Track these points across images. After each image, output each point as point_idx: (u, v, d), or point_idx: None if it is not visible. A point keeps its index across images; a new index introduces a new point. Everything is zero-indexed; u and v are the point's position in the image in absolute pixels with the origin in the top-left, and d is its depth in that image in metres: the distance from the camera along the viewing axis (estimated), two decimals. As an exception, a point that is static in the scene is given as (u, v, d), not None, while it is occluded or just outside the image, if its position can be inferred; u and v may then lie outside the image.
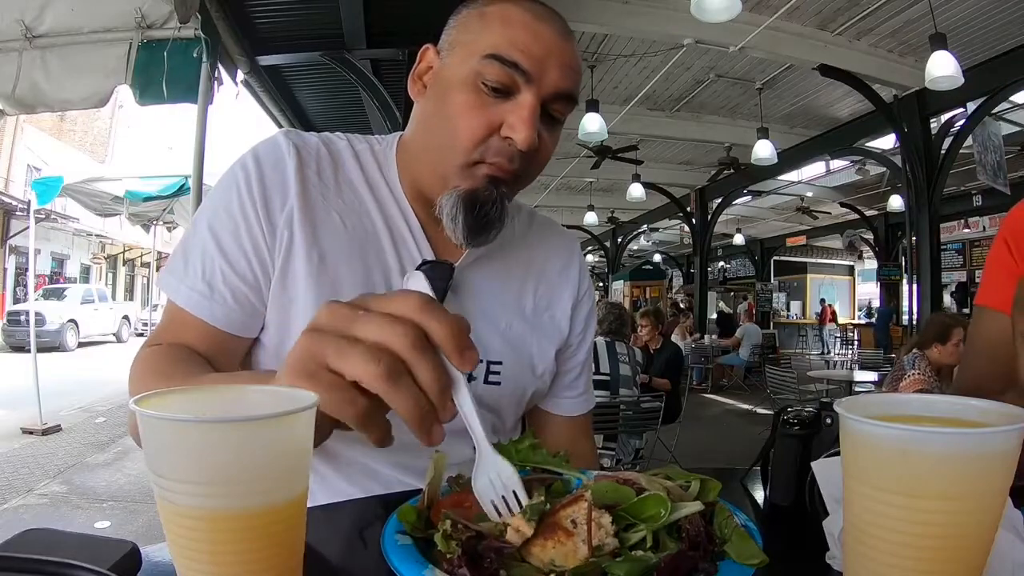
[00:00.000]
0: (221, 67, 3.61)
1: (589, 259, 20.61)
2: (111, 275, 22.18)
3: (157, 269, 12.35)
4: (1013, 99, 7.01)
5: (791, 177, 11.83)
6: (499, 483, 0.45)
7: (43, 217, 13.23)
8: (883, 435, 0.34)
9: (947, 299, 12.01)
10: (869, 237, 14.84)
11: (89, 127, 20.26)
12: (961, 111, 6.79)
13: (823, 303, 18.36)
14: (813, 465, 0.55)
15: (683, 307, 13.65)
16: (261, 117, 6.65)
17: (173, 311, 0.74)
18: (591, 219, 12.86)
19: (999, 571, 0.40)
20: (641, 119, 8.22)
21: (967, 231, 13.82)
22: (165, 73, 3.12)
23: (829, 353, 14.23)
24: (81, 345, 13.63)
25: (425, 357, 0.42)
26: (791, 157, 9.11)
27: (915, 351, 3.14)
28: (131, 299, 22.08)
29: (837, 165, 11.53)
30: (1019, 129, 8.04)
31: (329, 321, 0.44)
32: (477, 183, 0.71)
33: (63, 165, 14.10)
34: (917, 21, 5.60)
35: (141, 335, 15.76)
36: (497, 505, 0.45)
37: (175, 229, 8.04)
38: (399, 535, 0.45)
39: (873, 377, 5.75)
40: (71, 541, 0.44)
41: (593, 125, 6.39)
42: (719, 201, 12.00)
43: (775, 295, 18.30)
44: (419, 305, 0.43)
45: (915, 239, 6.95)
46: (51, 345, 12.11)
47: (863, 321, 17.08)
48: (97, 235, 18.91)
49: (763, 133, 7.27)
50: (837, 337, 16.44)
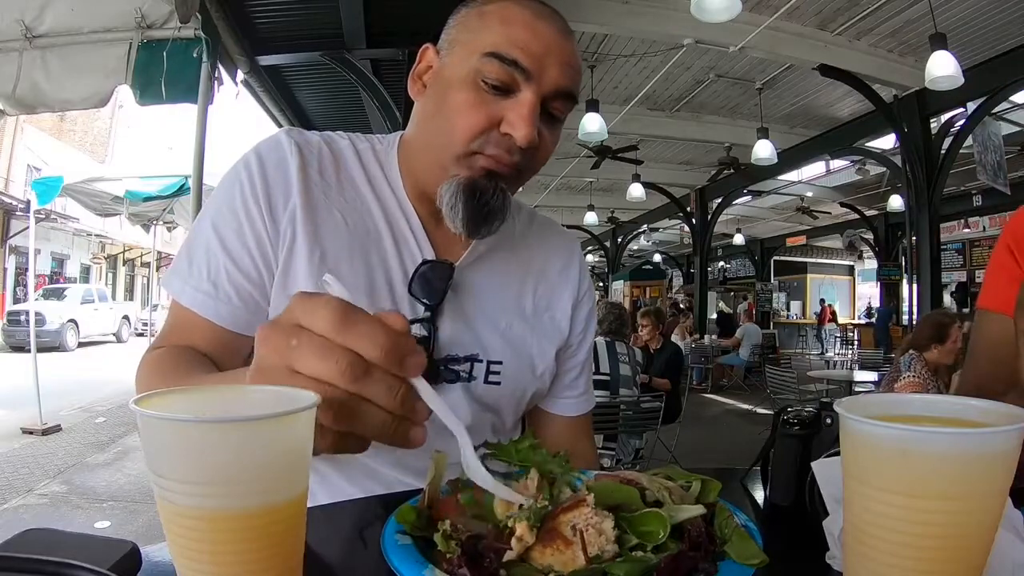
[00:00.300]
0: (221, 67, 3.61)
1: (589, 259, 20.60)
2: (111, 275, 22.16)
3: (157, 269, 12.36)
4: (1013, 99, 7.01)
5: (791, 177, 11.83)
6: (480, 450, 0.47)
7: (43, 217, 13.21)
8: (883, 435, 0.34)
9: (947, 299, 12.02)
10: (869, 237, 14.84)
11: (89, 127, 20.24)
12: (961, 111, 6.79)
13: (823, 303, 18.38)
14: (813, 465, 0.55)
15: (683, 307, 13.65)
16: (261, 117, 6.66)
17: (178, 312, 0.74)
18: (591, 219, 12.86)
19: (999, 571, 0.39)
20: (641, 119, 8.22)
21: (967, 231, 13.84)
22: (165, 73, 3.12)
23: (828, 353, 14.23)
24: (81, 345, 13.62)
25: (370, 382, 0.41)
26: (791, 157, 9.11)
27: (911, 352, 3.09)
28: (131, 299, 22.08)
29: (837, 165, 11.53)
30: (1019, 129, 8.04)
31: (268, 357, 0.43)
32: (475, 173, 0.71)
33: (63, 165, 14.07)
34: (917, 21, 5.60)
35: (141, 335, 15.75)
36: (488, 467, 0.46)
37: (175, 229, 8.04)
38: (399, 535, 0.45)
39: (873, 377, 5.76)
40: (71, 541, 0.44)
41: (593, 125, 6.39)
42: (719, 201, 12.00)
43: (775, 295, 18.33)
44: (337, 325, 0.41)
45: (915, 239, 6.96)
46: (51, 345, 12.10)
47: (863, 321, 17.07)
48: (97, 235, 18.89)
49: (763, 133, 7.27)
50: (837, 337, 16.44)
